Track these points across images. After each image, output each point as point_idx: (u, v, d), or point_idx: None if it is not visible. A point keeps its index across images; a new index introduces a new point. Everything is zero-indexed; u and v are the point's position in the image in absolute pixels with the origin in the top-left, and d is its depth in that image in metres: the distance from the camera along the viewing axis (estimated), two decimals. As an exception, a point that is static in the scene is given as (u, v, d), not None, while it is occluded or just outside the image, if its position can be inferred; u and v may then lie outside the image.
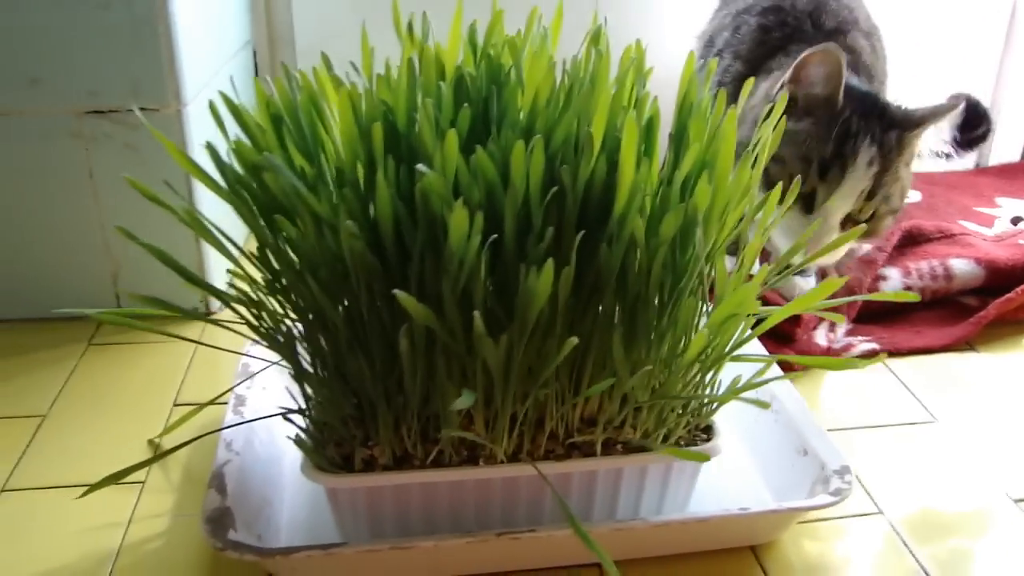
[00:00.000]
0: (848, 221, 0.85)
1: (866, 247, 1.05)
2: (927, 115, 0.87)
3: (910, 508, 0.72)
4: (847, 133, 0.82)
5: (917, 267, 1.01)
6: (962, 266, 1.01)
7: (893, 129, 0.85)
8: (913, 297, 0.59)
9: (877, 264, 0.99)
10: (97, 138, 0.91)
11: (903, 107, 0.88)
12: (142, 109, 0.90)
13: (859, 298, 0.63)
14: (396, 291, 0.46)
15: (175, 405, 0.85)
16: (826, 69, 0.82)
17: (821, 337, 0.93)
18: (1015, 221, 1.16)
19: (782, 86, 0.85)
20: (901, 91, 1.31)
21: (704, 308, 0.58)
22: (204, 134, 0.92)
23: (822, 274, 1.02)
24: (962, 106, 0.88)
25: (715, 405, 0.62)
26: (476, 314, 0.46)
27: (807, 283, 0.99)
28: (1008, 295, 0.95)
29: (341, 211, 0.51)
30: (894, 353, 0.92)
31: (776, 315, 0.58)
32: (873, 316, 0.97)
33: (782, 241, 0.86)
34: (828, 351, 0.91)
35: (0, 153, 0.90)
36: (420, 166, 0.48)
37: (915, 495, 0.74)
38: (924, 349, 0.93)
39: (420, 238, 0.52)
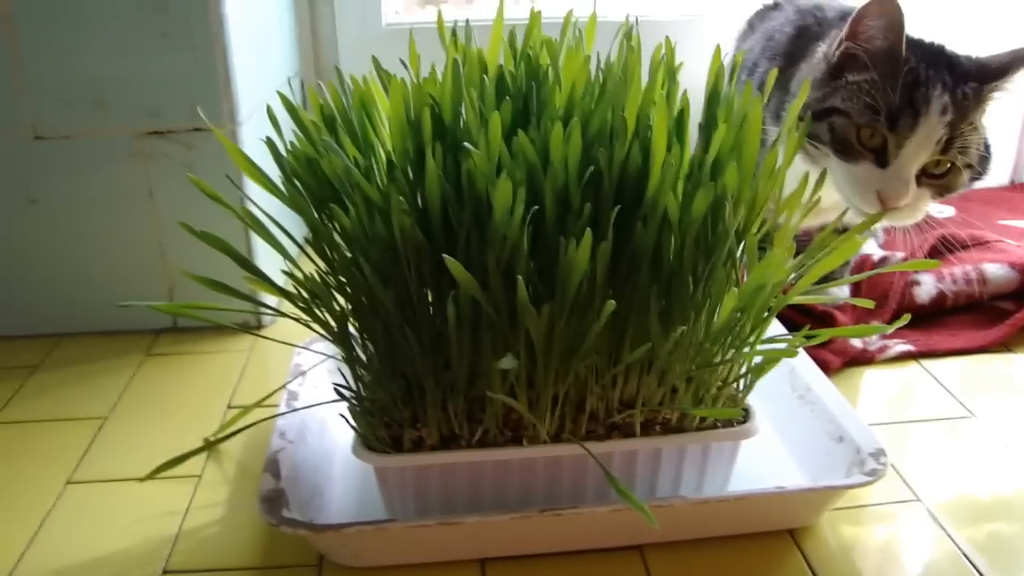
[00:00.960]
0: (923, 175, 0.81)
1: (898, 255, 1.07)
2: (1007, 64, 0.81)
3: (948, 495, 0.73)
4: (916, 82, 0.79)
5: (951, 272, 1.02)
6: (996, 270, 1.02)
7: (968, 81, 0.80)
8: (934, 264, 0.60)
9: (909, 272, 1.01)
10: (156, 158, 0.96)
11: (975, 57, 0.83)
12: (198, 130, 0.95)
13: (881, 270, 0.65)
14: (445, 256, 0.49)
15: (229, 407, 0.88)
16: (885, 20, 0.79)
17: (856, 339, 0.94)
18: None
19: (840, 43, 0.82)
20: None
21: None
22: (256, 151, 0.97)
23: (855, 290, 1.03)
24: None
25: (750, 380, 0.64)
26: (520, 279, 0.49)
27: (842, 292, 1.01)
28: (1043, 298, 0.96)
29: (392, 191, 0.54)
30: (930, 355, 0.94)
31: (797, 287, 0.60)
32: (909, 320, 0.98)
33: (855, 195, 0.82)
34: (863, 353, 0.93)
35: (66, 174, 0.96)
36: (467, 144, 0.52)
37: (953, 483, 0.74)
38: (960, 351, 0.94)
39: (466, 217, 0.55)
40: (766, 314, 0.59)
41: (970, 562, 0.66)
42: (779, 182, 0.60)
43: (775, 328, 0.88)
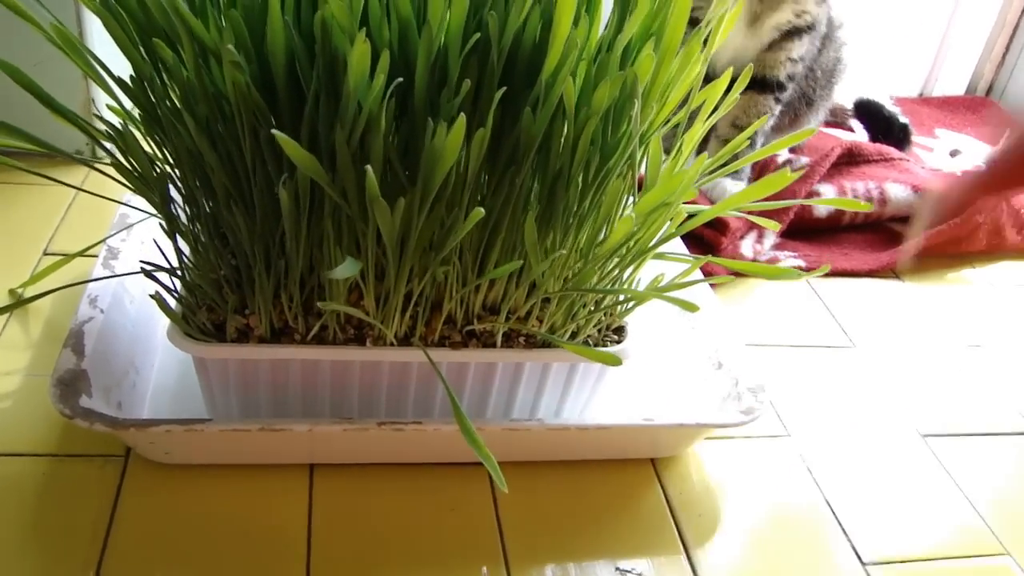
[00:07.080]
0: None
1: (803, 159, 1.01)
2: None
3: (818, 434, 0.69)
4: None
5: (853, 187, 0.97)
6: (898, 191, 0.97)
7: None
8: (866, 207, 0.54)
9: (812, 180, 0.95)
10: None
11: None
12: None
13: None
14: (274, 131, 0.39)
15: (45, 254, 0.77)
16: None
17: (747, 248, 0.89)
18: (953, 154, 1.13)
19: None
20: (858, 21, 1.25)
21: (631, 198, 0.52)
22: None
23: (756, 179, 0.97)
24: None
25: (631, 304, 0.57)
26: (368, 169, 0.39)
27: (736, 186, 0.95)
28: (940, 227, 0.92)
29: (226, 35, 0.43)
30: (819, 273, 0.89)
31: (707, 213, 0.53)
32: (802, 232, 0.94)
33: None
34: (754, 263, 0.87)
35: None
36: (320, -13, 0.41)
37: (825, 422, 0.71)
38: (850, 272, 0.90)
39: (317, 78, 0.44)
40: (657, 239, 0.51)
41: (831, 509, 0.62)
42: (697, 76, 0.51)
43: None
